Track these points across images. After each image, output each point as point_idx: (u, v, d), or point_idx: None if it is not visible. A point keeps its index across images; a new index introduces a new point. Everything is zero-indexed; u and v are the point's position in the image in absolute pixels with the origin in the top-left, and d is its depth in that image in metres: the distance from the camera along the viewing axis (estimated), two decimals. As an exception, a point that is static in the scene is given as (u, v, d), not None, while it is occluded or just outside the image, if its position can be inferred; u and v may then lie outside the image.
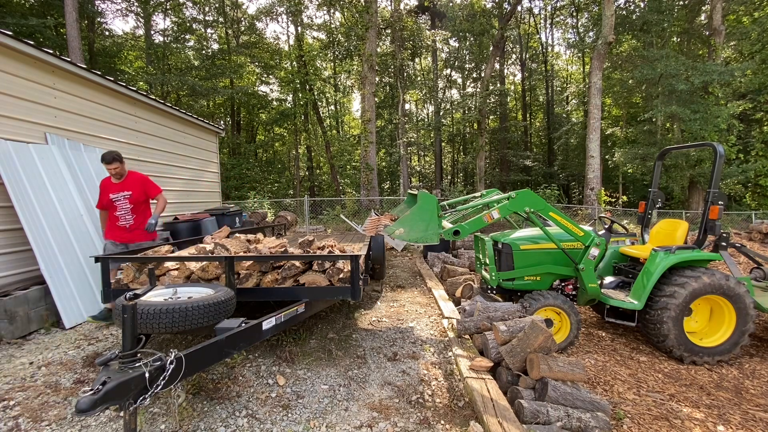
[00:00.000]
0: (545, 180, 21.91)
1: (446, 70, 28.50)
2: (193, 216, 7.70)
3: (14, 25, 12.69)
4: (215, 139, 10.26)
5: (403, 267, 7.66)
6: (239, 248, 3.68)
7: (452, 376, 3.18)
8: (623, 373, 3.43)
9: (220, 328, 2.57)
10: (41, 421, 2.51)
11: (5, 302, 3.88)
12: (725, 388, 3.25)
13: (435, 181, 26.16)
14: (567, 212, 14.98)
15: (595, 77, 15.01)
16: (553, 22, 29.18)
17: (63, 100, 5.21)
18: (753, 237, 8.92)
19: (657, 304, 3.61)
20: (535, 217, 3.65)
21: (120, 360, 1.88)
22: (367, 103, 15.97)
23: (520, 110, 29.71)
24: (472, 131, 25.38)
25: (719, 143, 4.31)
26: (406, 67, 21.77)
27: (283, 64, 24.31)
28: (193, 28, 22.71)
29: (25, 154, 4.45)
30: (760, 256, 4.67)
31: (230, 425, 2.49)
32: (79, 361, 3.38)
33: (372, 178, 15.81)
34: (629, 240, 4.57)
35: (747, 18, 18.24)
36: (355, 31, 18.40)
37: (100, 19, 19.22)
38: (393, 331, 4.15)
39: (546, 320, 3.44)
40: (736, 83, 16.13)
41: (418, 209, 3.48)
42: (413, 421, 2.58)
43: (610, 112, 23.46)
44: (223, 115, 24.89)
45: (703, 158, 15.91)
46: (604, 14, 14.64)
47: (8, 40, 4.33)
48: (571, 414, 2.45)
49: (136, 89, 6.74)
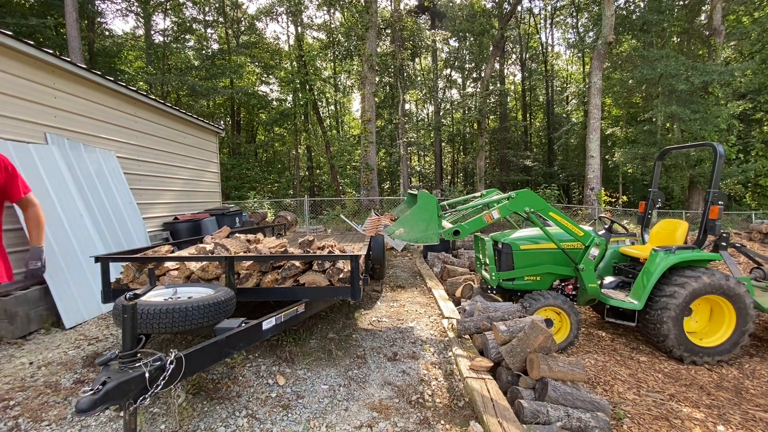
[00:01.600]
0: (545, 180, 21.92)
1: (446, 70, 28.50)
2: (193, 216, 7.70)
3: (14, 25, 12.69)
4: (215, 139, 10.26)
5: (403, 267, 7.66)
6: (239, 248, 3.69)
7: (452, 376, 3.18)
8: (623, 373, 3.43)
9: (220, 328, 2.57)
10: (41, 421, 2.51)
11: (5, 302, 3.88)
12: (725, 388, 3.25)
13: (435, 181, 26.17)
14: (567, 212, 14.98)
15: (595, 77, 15.01)
16: (553, 22, 29.18)
17: (63, 100, 5.20)
18: (753, 237, 8.92)
19: (657, 304, 3.61)
20: (535, 217, 3.66)
21: (120, 360, 1.88)
22: (367, 103, 15.97)
23: (520, 110, 29.71)
24: (472, 131, 25.36)
25: (719, 143, 4.31)
26: (406, 67, 21.75)
27: (283, 64, 24.31)
28: (193, 28, 22.71)
29: (25, 154, 4.45)
30: (760, 256, 4.67)
31: (230, 425, 2.49)
32: (79, 361, 3.38)
33: (372, 178, 15.81)
34: (629, 240, 4.57)
35: (747, 18, 18.24)
36: (355, 31, 18.41)
37: (100, 19, 19.22)
38: (393, 331, 4.14)
39: (546, 320, 3.44)
40: (736, 83, 16.13)
41: (418, 209, 3.48)
42: (413, 421, 2.58)
43: (610, 112, 23.45)
44: (223, 115, 24.88)
45: (703, 158, 15.91)
46: (604, 14, 14.64)
47: (8, 40, 4.33)
48: (571, 414, 2.45)
49: (136, 89, 6.74)
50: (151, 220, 7.06)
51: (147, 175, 7.07)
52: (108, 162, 5.85)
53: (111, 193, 5.68)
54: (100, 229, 5.20)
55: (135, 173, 6.66)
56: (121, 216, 5.73)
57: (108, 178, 5.70)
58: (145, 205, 6.77)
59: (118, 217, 5.64)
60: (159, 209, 7.42)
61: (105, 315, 4.63)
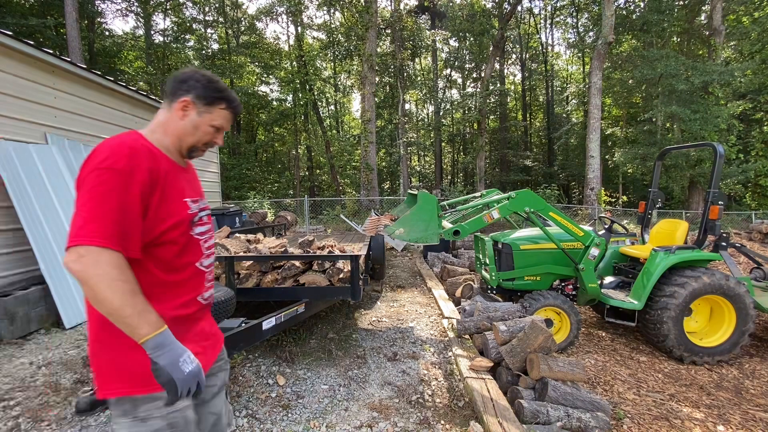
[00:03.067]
0: (545, 180, 21.89)
1: (446, 70, 28.48)
2: (193, 216, 7.69)
3: (14, 25, 12.68)
4: (215, 139, 10.26)
5: (403, 267, 7.66)
6: (239, 248, 3.68)
7: (452, 376, 3.18)
8: (623, 373, 3.43)
9: (220, 328, 2.57)
10: (41, 421, 2.51)
11: (5, 302, 3.88)
12: (725, 388, 3.25)
13: (435, 181, 26.15)
14: (567, 212, 14.98)
15: (595, 77, 15.01)
16: (553, 22, 29.17)
17: (63, 100, 5.20)
18: (753, 237, 8.92)
19: (657, 304, 3.60)
20: (535, 217, 3.65)
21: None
22: (367, 103, 15.97)
23: (520, 110, 29.70)
24: (472, 131, 25.35)
25: (719, 143, 4.30)
26: (406, 67, 21.74)
27: (283, 64, 24.31)
28: (193, 28, 22.71)
29: (25, 154, 4.45)
30: (760, 256, 4.67)
31: (230, 425, 2.49)
32: (79, 361, 3.38)
33: (372, 178, 15.81)
34: (629, 240, 4.56)
35: (747, 18, 18.24)
36: (355, 31, 18.40)
37: (100, 19, 19.22)
38: (393, 331, 4.14)
39: (546, 320, 3.44)
40: (736, 83, 16.12)
41: (418, 209, 3.48)
42: (413, 421, 2.57)
43: (610, 112, 23.44)
44: (223, 115, 24.82)
45: (703, 158, 15.90)
46: (604, 14, 14.63)
47: (8, 40, 4.33)
48: (571, 414, 2.45)
49: (136, 89, 6.75)
50: (151, 220, 7.05)
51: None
52: (108, 162, 5.84)
53: (111, 193, 5.67)
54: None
55: (135, 173, 6.66)
56: (121, 216, 5.72)
57: (108, 178, 5.70)
58: (145, 205, 6.77)
59: (118, 217, 5.64)
60: (159, 209, 7.41)
61: (105, 315, 4.61)
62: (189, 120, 1.21)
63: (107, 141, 1.06)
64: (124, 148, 1.02)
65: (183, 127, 1.21)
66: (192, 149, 1.25)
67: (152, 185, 1.06)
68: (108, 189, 0.96)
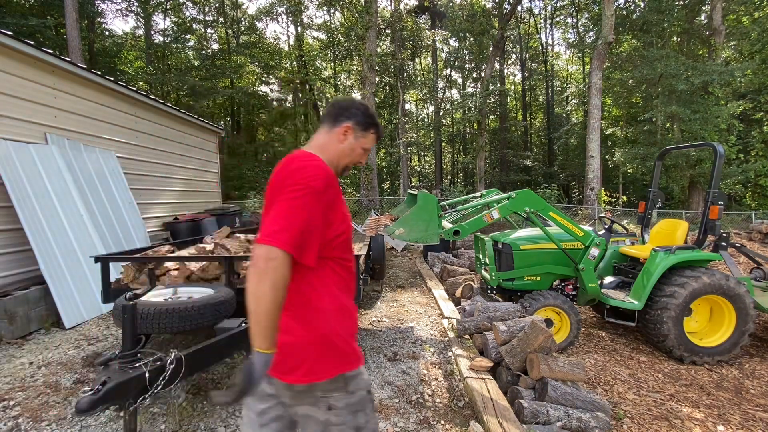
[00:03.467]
0: (545, 180, 21.89)
1: (446, 70, 28.50)
2: (193, 216, 7.70)
3: (14, 25, 12.68)
4: (215, 139, 10.27)
5: (403, 267, 7.66)
6: (239, 248, 3.69)
7: (452, 376, 3.18)
8: (623, 373, 3.43)
9: (220, 328, 2.57)
10: (41, 421, 2.51)
11: (5, 302, 3.88)
12: (725, 388, 3.25)
13: (435, 181, 26.15)
14: (567, 212, 14.98)
15: (595, 77, 15.01)
16: (553, 22, 29.18)
17: (63, 100, 5.21)
18: (753, 237, 8.91)
19: (657, 304, 3.60)
20: (535, 217, 3.65)
21: (120, 360, 1.88)
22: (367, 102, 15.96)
23: (520, 110, 29.71)
24: (472, 131, 25.35)
25: (719, 143, 4.31)
26: (406, 67, 21.75)
27: (283, 64, 24.32)
28: (193, 28, 22.72)
29: (25, 154, 4.45)
30: (760, 256, 4.67)
31: (230, 425, 2.49)
32: (79, 361, 3.38)
33: (372, 178, 15.81)
34: (629, 240, 4.56)
35: (747, 18, 18.24)
36: (355, 31, 18.41)
37: (100, 19, 19.23)
38: (393, 331, 4.14)
39: (546, 320, 3.44)
40: (736, 83, 16.13)
41: (418, 209, 3.48)
42: (413, 421, 2.57)
43: (610, 112, 23.43)
44: (223, 115, 24.88)
45: (703, 158, 15.89)
46: (604, 14, 14.63)
47: (8, 40, 4.34)
48: (571, 414, 2.45)
49: (136, 89, 6.75)
50: (151, 219, 7.06)
51: (147, 175, 7.07)
52: (108, 162, 5.85)
53: (111, 193, 5.68)
54: (100, 229, 5.19)
55: (135, 173, 6.66)
56: (121, 216, 5.73)
57: (108, 178, 5.70)
58: (145, 205, 6.77)
59: (118, 217, 5.64)
60: (159, 209, 7.42)
61: (105, 315, 4.63)
62: (348, 143, 1.38)
63: (308, 159, 1.22)
64: (321, 171, 1.20)
65: (342, 149, 1.38)
66: (345, 168, 1.45)
67: (334, 203, 1.26)
68: (303, 203, 1.13)
